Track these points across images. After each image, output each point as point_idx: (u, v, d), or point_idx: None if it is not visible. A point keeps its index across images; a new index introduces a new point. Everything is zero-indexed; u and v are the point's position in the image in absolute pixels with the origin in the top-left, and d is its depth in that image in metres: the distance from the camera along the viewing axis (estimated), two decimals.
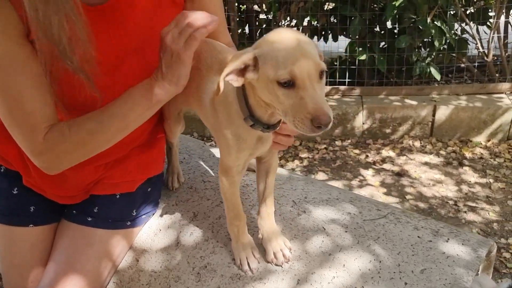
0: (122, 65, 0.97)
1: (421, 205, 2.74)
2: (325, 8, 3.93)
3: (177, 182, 1.29)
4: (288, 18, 4.02)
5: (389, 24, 3.71)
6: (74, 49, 0.83)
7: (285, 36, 0.80)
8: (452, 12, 3.53)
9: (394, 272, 0.96)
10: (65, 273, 1.04)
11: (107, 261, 1.10)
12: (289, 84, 0.77)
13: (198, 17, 0.84)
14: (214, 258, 1.08)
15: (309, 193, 1.25)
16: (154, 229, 1.21)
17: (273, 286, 0.98)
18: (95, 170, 1.10)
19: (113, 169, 1.12)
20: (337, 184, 2.98)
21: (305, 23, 4.04)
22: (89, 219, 1.11)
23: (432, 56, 3.66)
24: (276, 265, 1.02)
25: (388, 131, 3.54)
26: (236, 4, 4.02)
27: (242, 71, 0.82)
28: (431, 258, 0.99)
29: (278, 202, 1.19)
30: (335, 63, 3.95)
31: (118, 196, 1.14)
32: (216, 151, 1.53)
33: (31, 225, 1.12)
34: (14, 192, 1.11)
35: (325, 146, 3.52)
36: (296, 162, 3.32)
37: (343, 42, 3.98)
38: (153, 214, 1.23)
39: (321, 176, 3.11)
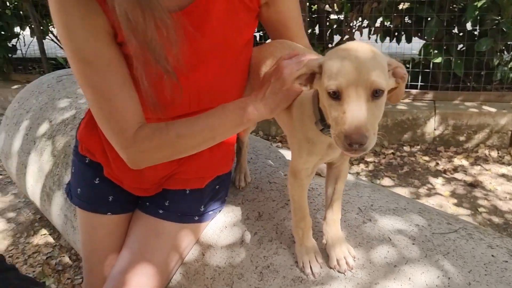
0: (197, 67, 1.02)
1: (495, 219, 2.57)
2: (399, 8, 3.80)
3: (244, 182, 1.32)
4: (360, 19, 3.94)
5: (468, 26, 3.51)
6: (166, 53, 0.87)
7: (351, 49, 0.78)
8: None
9: None
10: (136, 260, 1.12)
11: (175, 252, 1.16)
12: (336, 96, 0.77)
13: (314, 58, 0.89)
14: (277, 259, 1.09)
15: (375, 201, 1.23)
16: (220, 225, 1.25)
17: None
18: (169, 166, 1.16)
19: (185, 165, 1.18)
20: (404, 191, 2.88)
21: (377, 24, 3.93)
22: (161, 211, 1.18)
23: None
24: (339, 272, 1.02)
25: (462, 138, 3.35)
26: (307, 4, 4.00)
27: (311, 77, 0.83)
28: (506, 280, 0.94)
29: (343, 209, 1.18)
30: (407, 66, 3.81)
31: (188, 192, 1.20)
32: (282, 153, 1.55)
33: (109, 213, 1.21)
34: (96, 182, 1.21)
35: (392, 151, 3.42)
36: (362, 166, 3.25)
37: (417, 43, 3.82)
38: (220, 211, 1.27)
39: (386, 181, 3.02)
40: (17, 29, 5.16)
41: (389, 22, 3.87)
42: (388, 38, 3.92)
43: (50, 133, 1.98)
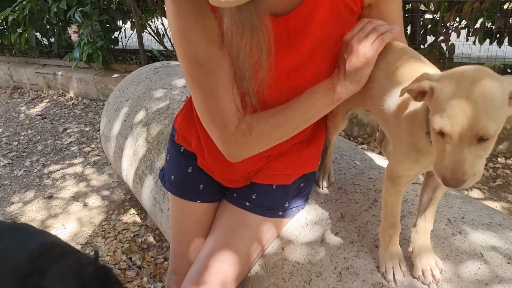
0: (298, 71, 1.04)
1: None
2: (504, 8, 3.50)
3: (327, 182, 1.32)
4: (458, 19, 3.69)
5: None
6: (253, 75, 0.90)
7: (467, 82, 0.72)
8: None
9: None
10: (221, 248, 1.18)
11: (257, 244, 1.20)
12: (441, 133, 0.74)
13: (381, 23, 0.91)
14: (357, 262, 1.09)
15: (466, 213, 1.17)
16: (301, 222, 1.27)
17: None
18: (259, 160, 1.20)
19: (274, 161, 1.21)
20: (494, 205, 2.68)
21: (477, 25, 3.66)
22: (247, 203, 1.22)
23: None
24: (423, 283, 0.98)
25: None
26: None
27: (423, 93, 0.80)
28: None
29: None
30: (509, 70, 3.51)
31: (274, 187, 1.23)
32: (368, 155, 1.52)
33: (199, 201, 1.28)
34: (189, 171, 1.29)
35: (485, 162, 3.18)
36: None
37: None
38: (303, 208, 1.29)
39: (476, 193, 2.83)
40: (119, 23, 5.58)
41: (491, 23, 3.59)
42: (487, 41, 3.63)
43: (146, 120, 2.13)
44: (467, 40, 3.67)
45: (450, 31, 3.67)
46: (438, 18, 3.80)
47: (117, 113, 2.39)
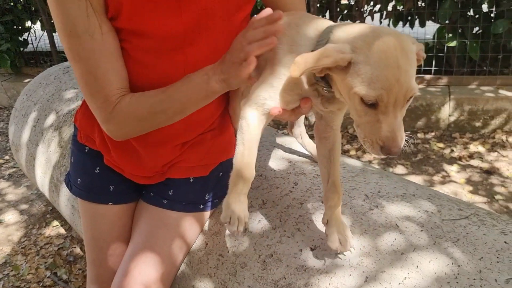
0: (194, 41, 0.99)
1: None
2: None
3: None
4: (372, 3, 3.84)
5: (484, 8, 3.39)
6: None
7: (388, 49, 0.72)
8: None
9: (474, 279, 0.88)
10: (140, 251, 1.10)
11: (182, 242, 1.14)
12: (372, 104, 0.74)
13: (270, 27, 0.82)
14: (280, 248, 1.07)
15: (383, 187, 1.19)
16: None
17: (339, 281, 0.95)
18: (170, 151, 1.13)
19: (188, 153, 1.15)
20: (417, 179, 2.82)
21: (389, 8, 3.83)
22: (165, 201, 1.16)
23: None
24: (341, 253, 0.97)
25: (478, 124, 3.26)
26: None
27: (329, 68, 0.76)
28: None
29: (349, 195, 1.15)
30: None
31: (191, 180, 1.18)
32: (289, 139, 1.51)
33: (110, 203, 1.19)
34: (96, 171, 1.19)
35: (405, 138, 3.34)
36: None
37: (430, 27, 3.72)
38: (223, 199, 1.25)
39: (400, 169, 2.96)
40: (27, 23, 5.19)
41: (401, 6, 3.77)
42: (400, 23, 3.82)
43: (57, 124, 1.97)
44: (381, 23, 3.82)
45: (364, 15, 3.80)
46: (353, 3, 3.92)
47: (26, 119, 2.21)
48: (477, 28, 3.45)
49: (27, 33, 5.09)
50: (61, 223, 2.57)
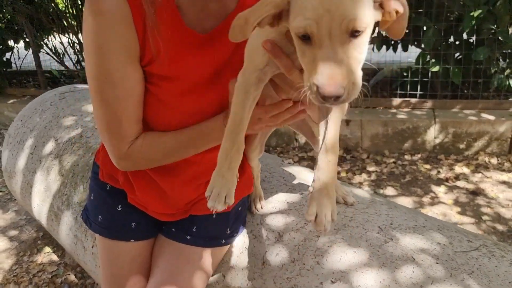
0: (217, 82, 1.02)
1: (499, 227, 2.59)
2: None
3: (259, 205, 1.32)
4: None
5: (465, 35, 3.55)
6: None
7: None
8: None
9: None
10: (164, 285, 1.11)
11: (203, 276, 1.16)
12: (307, 38, 0.65)
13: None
14: (301, 281, 1.09)
15: (394, 219, 1.24)
16: (239, 247, 1.24)
17: None
18: (195, 190, 1.16)
19: None
20: (407, 200, 2.89)
21: (374, 34, 3.96)
22: (188, 237, 1.17)
23: None
24: (316, 230, 0.86)
25: (462, 146, 3.39)
26: None
27: (279, 15, 0.70)
28: None
29: (364, 228, 1.19)
30: (405, 74, 3.84)
31: (214, 216, 1.20)
32: (296, 170, 1.55)
33: (132, 240, 1.20)
34: (118, 209, 1.20)
35: (393, 160, 3.44)
36: (364, 175, 3.26)
37: (413, 50, 3.87)
38: (242, 232, 1.27)
39: (390, 191, 3.03)
40: (10, 43, 5.12)
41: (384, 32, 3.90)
42: (384, 47, 3.95)
43: (57, 152, 1.96)
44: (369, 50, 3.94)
45: None
46: None
47: (21, 146, 2.18)
48: (458, 54, 3.60)
49: (10, 53, 5.02)
50: (54, 249, 2.52)
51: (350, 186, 1.44)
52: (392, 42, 3.93)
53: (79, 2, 4.39)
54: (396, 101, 3.68)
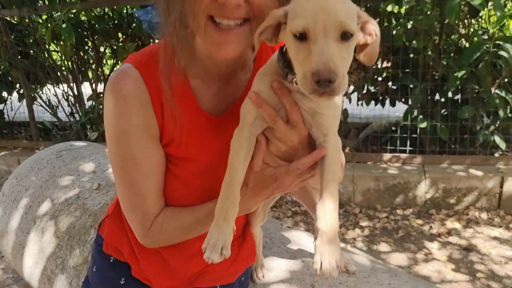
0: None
1: (494, 285, 2.59)
2: (383, 75, 3.99)
3: (261, 273, 1.32)
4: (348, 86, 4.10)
5: (450, 93, 3.70)
6: None
7: None
8: None
9: None
10: None
11: None
12: (303, 36, 0.75)
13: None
14: None
15: None
16: None
17: None
18: (200, 263, 1.16)
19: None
20: (401, 257, 2.89)
21: (364, 90, 4.10)
22: None
23: (496, 125, 3.58)
24: (323, 277, 0.86)
25: (452, 201, 3.44)
26: None
27: (276, 31, 0.82)
28: None
29: None
30: (393, 128, 3.95)
31: (218, 287, 1.19)
32: (295, 234, 1.56)
33: None
34: (122, 282, 1.19)
35: (386, 214, 3.46)
36: (357, 231, 3.26)
37: (401, 105, 4.00)
38: None
39: (383, 247, 3.03)
40: (4, 94, 5.17)
41: (373, 88, 4.05)
42: (373, 102, 4.09)
43: (52, 213, 1.94)
44: (358, 105, 4.08)
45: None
46: None
47: (15, 205, 2.15)
48: (443, 110, 3.73)
49: (3, 104, 5.05)
50: None
51: (350, 253, 1.45)
52: (380, 98, 4.07)
53: (75, 57, 4.51)
54: (387, 156, 3.76)
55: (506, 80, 3.44)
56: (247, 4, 0.84)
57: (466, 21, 3.83)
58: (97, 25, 4.09)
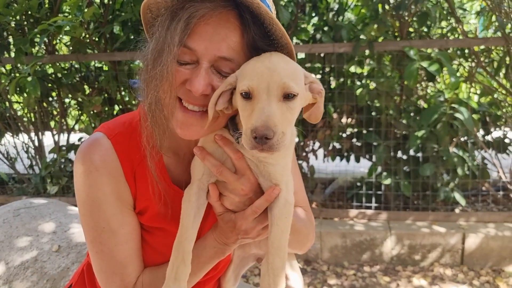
0: (204, 222, 1.04)
1: None
2: (348, 133, 4.12)
3: None
4: (313, 144, 4.20)
5: (412, 151, 3.84)
6: None
7: (266, 55, 0.84)
8: (471, 142, 3.69)
9: None
10: None
11: None
12: (248, 95, 0.81)
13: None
14: None
15: None
16: None
17: None
18: None
19: None
20: None
21: (330, 147, 4.20)
22: None
23: (455, 182, 3.72)
24: None
25: (417, 257, 3.47)
26: None
27: (231, 99, 0.87)
28: None
29: None
30: (358, 184, 4.03)
31: None
32: None
33: None
34: None
35: (353, 272, 3.44)
36: None
37: (365, 161, 4.11)
38: None
39: None
40: None
41: (338, 144, 4.16)
42: (338, 158, 4.18)
43: (6, 277, 1.82)
44: (324, 161, 4.16)
45: (308, 154, 4.13)
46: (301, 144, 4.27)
47: None
48: (406, 167, 3.85)
49: None
50: None
51: None
52: (345, 154, 4.17)
53: (38, 109, 4.41)
54: (353, 212, 3.79)
55: (462, 139, 3.62)
56: (213, 92, 0.88)
57: (423, 83, 4.06)
58: (63, 78, 4.06)
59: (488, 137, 3.96)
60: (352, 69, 4.07)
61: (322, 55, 3.91)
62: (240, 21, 0.87)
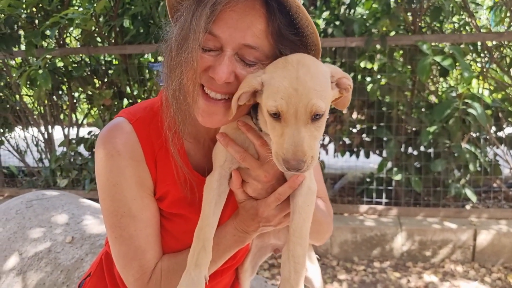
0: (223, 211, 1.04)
1: None
2: (358, 128, 4.10)
3: None
4: (324, 137, 4.18)
5: (423, 147, 3.81)
6: None
7: (292, 66, 0.81)
8: (484, 137, 3.65)
9: None
10: None
11: None
12: (277, 116, 0.80)
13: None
14: None
15: None
16: None
17: None
18: None
19: None
20: None
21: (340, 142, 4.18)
22: None
23: (467, 178, 3.69)
24: None
25: (428, 254, 3.45)
26: None
27: (254, 93, 0.86)
28: None
29: None
30: (368, 179, 4.00)
31: None
32: None
33: None
34: None
35: (363, 267, 3.42)
36: (335, 284, 3.20)
37: (375, 156, 4.08)
38: None
39: None
40: None
41: (348, 140, 4.14)
42: (348, 154, 4.16)
43: (20, 267, 1.82)
44: (334, 156, 4.14)
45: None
46: None
47: None
48: (416, 163, 3.82)
49: None
50: None
51: None
52: (355, 150, 4.14)
53: (48, 102, 4.42)
54: (363, 207, 3.77)
55: (474, 135, 3.58)
56: (237, 80, 0.87)
57: (435, 78, 4.02)
58: (74, 72, 4.06)
59: (501, 133, 3.91)
60: (363, 64, 4.04)
61: (333, 49, 3.88)
62: (266, 8, 0.85)
